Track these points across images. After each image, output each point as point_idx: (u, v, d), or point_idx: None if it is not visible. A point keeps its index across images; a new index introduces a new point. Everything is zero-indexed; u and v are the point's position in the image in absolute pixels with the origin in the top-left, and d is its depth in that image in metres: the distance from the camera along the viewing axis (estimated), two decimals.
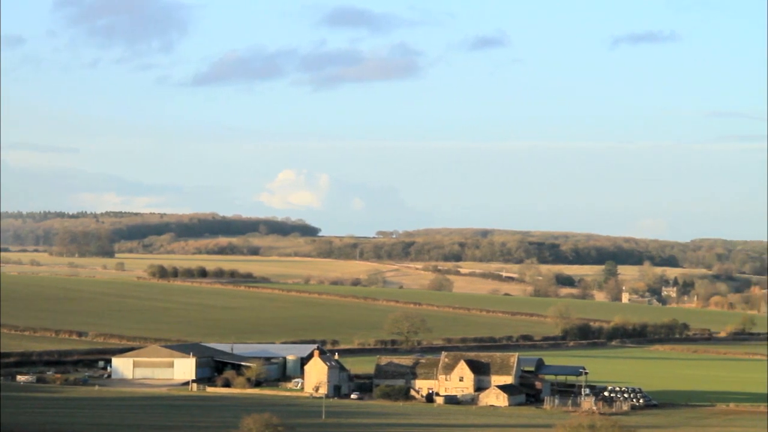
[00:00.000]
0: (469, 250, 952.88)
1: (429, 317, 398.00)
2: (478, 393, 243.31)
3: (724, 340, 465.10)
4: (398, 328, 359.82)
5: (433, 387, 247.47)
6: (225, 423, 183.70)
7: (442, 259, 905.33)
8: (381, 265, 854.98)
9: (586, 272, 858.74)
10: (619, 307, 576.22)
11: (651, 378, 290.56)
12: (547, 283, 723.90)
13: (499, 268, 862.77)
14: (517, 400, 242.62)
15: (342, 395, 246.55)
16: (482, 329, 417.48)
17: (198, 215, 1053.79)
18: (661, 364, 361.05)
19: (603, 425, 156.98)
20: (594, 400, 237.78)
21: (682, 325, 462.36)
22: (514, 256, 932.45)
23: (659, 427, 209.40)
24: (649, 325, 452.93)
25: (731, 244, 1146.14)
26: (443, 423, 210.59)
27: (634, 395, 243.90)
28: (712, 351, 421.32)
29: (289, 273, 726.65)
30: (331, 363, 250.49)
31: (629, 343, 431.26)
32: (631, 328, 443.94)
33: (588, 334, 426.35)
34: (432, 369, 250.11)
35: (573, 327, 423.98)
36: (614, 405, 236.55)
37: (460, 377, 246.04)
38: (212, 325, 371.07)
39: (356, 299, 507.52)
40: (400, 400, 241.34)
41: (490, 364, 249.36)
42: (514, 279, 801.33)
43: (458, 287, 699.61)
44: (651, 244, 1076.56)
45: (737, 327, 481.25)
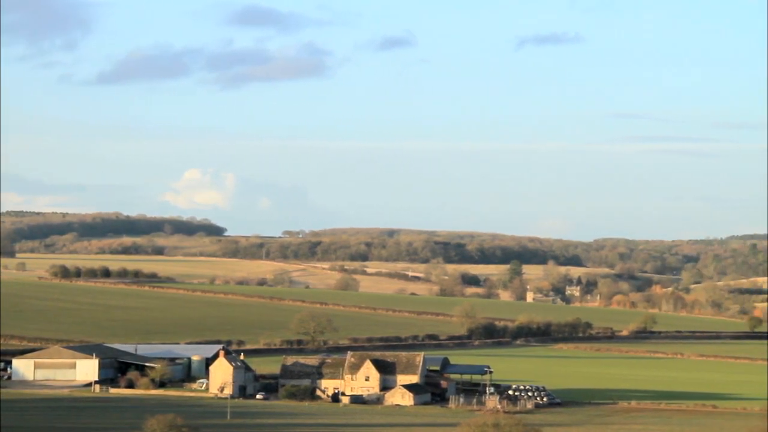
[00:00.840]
0: (376, 249, 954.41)
1: (335, 317, 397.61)
2: (384, 392, 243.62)
3: (626, 338, 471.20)
4: (304, 328, 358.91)
5: (339, 387, 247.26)
6: (128, 424, 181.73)
7: (348, 259, 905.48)
8: (287, 264, 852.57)
9: (491, 272, 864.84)
10: (523, 306, 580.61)
11: (555, 376, 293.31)
12: (452, 283, 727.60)
13: (405, 268, 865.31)
14: (423, 400, 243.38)
15: (247, 395, 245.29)
16: (388, 329, 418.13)
17: (101, 215, 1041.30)
18: (564, 362, 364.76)
19: (507, 424, 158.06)
20: (498, 399, 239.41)
21: (585, 324, 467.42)
22: (420, 256, 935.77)
23: (562, 425, 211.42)
24: (553, 324, 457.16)
25: (633, 244, 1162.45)
26: (349, 423, 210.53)
27: (538, 394, 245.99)
28: (614, 349, 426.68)
29: (194, 273, 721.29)
30: (237, 363, 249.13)
31: (534, 342, 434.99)
32: (535, 327, 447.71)
33: (493, 333, 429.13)
34: (338, 369, 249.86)
35: (478, 326, 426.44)
36: (518, 403, 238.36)
37: (366, 377, 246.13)
38: (116, 326, 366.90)
39: (262, 299, 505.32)
40: (305, 400, 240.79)
41: (396, 363, 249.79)
42: (420, 278, 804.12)
43: (364, 287, 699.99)
44: (555, 243, 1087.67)
45: (639, 325, 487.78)
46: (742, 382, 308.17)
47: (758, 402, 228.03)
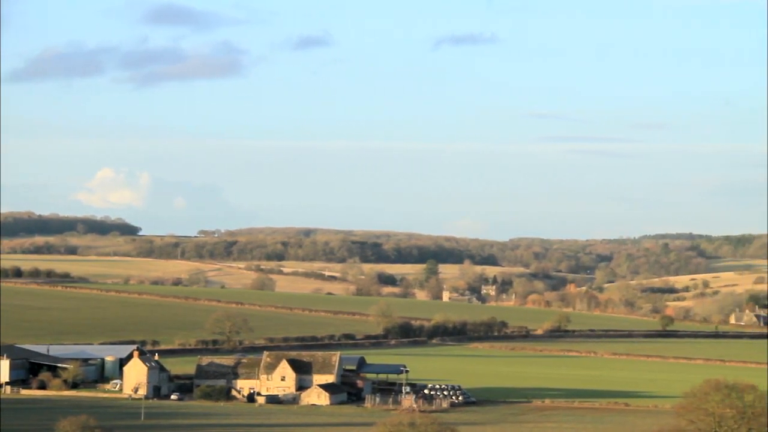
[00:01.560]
0: (292, 249, 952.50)
1: (251, 317, 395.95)
2: (300, 392, 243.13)
3: (541, 337, 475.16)
4: (220, 328, 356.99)
5: (255, 387, 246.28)
6: (40, 426, 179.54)
7: (264, 259, 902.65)
8: (203, 264, 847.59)
9: (407, 271, 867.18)
10: (439, 305, 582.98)
11: (470, 375, 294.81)
12: (369, 282, 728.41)
13: (322, 268, 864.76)
14: (339, 399, 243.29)
15: (162, 396, 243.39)
16: (305, 328, 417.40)
17: (13, 214, 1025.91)
18: (480, 361, 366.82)
19: (423, 423, 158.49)
20: (414, 398, 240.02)
21: (500, 323, 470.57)
22: (337, 255, 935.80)
23: (477, 423, 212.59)
24: (468, 323, 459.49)
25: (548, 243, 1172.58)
26: (264, 423, 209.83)
27: (454, 393, 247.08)
28: (529, 348, 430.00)
29: (108, 273, 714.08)
30: (151, 364, 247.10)
31: (449, 341, 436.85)
32: (451, 327, 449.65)
33: (409, 333, 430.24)
34: (254, 369, 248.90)
35: (394, 325, 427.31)
36: (434, 402, 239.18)
37: (282, 377, 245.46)
38: (28, 327, 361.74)
39: (177, 299, 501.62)
40: (221, 400, 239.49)
41: (312, 363, 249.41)
42: (337, 278, 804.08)
43: (281, 286, 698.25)
44: (471, 243, 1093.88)
45: (553, 324, 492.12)
46: (654, 380, 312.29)
47: (669, 400, 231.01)
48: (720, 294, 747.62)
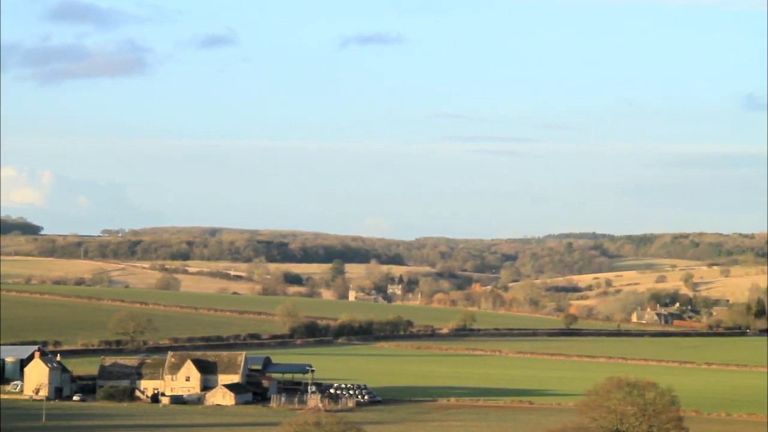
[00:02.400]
0: (197, 248, 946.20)
1: (156, 317, 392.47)
2: (204, 392, 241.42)
3: (447, 336, 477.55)
4: (124, 328, 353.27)
5: (159, 387, 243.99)
6: None
7: (169, 258, 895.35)
8: (106, 264, 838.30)
9: (314, 270, 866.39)
10: (346, 305, 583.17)
11: (376, 374, 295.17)
12: (275, 282, 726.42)
13: (228, 267, 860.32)
14: (244, 399, 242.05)
15: (64, 397, 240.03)
16: (210, 328, 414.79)
17: None
18: (386, 360, 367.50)
19: (328, 422, 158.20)
20: (320, 398, 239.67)
21: (406, 322, 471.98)
22: (243, 255, 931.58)
23: (383, 422, 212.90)
24: (374, 322, 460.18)
25: (454, 243, 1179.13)
26: (168, 423, 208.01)
27: (360, 392, 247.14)
28: (434, 347, 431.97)
29: (9, 272, 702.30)
30: (53, 364, 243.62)
31: (355, 340, 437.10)
32: (357, 326, 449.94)
33: (315, 332, 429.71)
34: (158, 369, 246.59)
35: (300, 325, 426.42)
36: (340, 402, 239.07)
37: (187, 377, 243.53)
38: None
39: (80, 299, 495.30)
40: (124, 401, 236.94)
41: (217, 363, 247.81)
42: (243, 278, 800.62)
43: (186, 286, 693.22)
44: (377, 242, 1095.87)
45: (459, 323, 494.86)
46: (558, 378, 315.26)
47: (572, 398, 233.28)
48: (622, 293, 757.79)
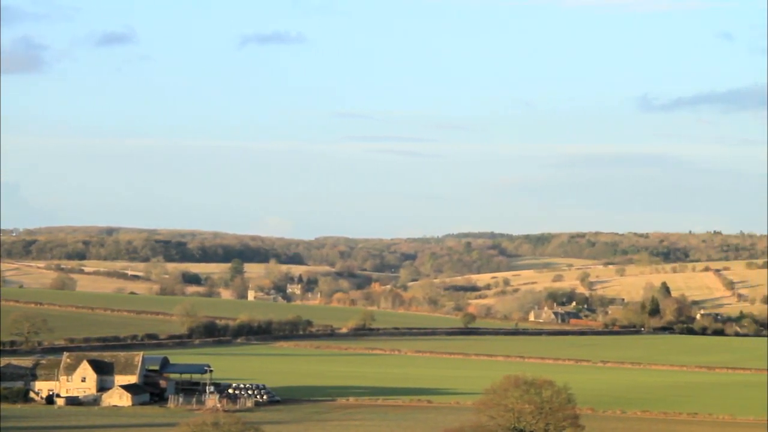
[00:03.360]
0: (94, 248, 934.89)
1: (51, 317, 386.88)
2: (101, 393, 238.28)
3: (346, 335, 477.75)
4: (18, 328, 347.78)
5: (54, 388, 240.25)
6: None
7: (65, 258, 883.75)
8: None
9: (212, 270, 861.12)
10: (245, 304, 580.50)
11: (275, 374, 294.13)
12: (173, 282, 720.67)
13: (125, 267, 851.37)
14: (141, 400, 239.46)
15: None
16: (107, 329, 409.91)
17: None
18: (285, 360, 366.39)
19: (227, 422, 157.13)
20: (218, 398, 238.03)
21: (305, 322, 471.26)
22: (141, 255, 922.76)
23: (282, 422, 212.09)
24: (274, 322, 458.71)
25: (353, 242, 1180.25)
26: (63, 425, 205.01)
27: (258, 392, 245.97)
28: (334, 347, 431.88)
29: None
30: None
31: (254, 340, 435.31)
32: (256, 326, 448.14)
33: (214, 332, 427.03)
34: (53, 370, 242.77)
35: (199, 325, 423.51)
36: (238, 402, 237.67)
37: (83, 378, 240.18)
38: None
39: None
40: (18, 402, 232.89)
41: (114, 363, 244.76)
42: (140, 277, 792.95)
43: (82, 286, 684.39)
44: (277, 242, 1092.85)
45: (358, 323, 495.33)
46: (456, 377, 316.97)
47: (470, 396, 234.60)
48: (520, 292, 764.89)
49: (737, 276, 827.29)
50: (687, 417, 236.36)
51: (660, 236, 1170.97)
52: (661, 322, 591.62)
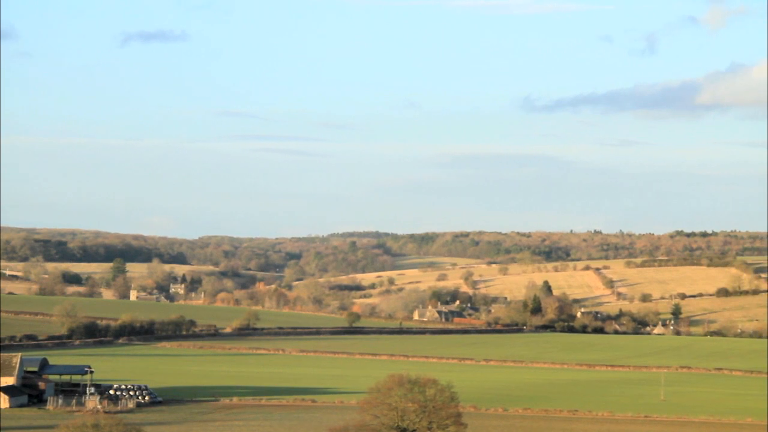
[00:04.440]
0: None
1: None
2: None
3: (230, 335, 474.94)
4: None
5: None
6: None
7: None
8: None
9: (94, 270, 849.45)
10: (127, 305, 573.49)
11: (158, 375, 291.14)
12: (53, 281, 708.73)
13: (3, 266, 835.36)
14: (19, 402, 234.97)
15: None
16: None
17: None
18: (168, 361, 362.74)
19: (107, 424, 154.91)
20: (99, 399, 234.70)
21: (189, 322, 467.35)
22: (19, 254, 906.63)
23: (164, 423, 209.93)
24: (156, 322, 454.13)
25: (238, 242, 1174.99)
26: None
27: (140, 393, 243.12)
28: (217, 347, 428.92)
29: None
30: None
31: (137, 340, 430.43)
32: (138, 326, 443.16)
33: (95, 333, 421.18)
34: None
35: (79, 325, 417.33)
36: (119, 403, 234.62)
37: None
38: None
39: None
40: None
41: None
42: (19, 277, 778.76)
43: None
44: (160, 241, 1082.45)
45: (242, 323, 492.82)
46: (341, 376, 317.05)
47: (355, 395, 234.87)
48: (404, 291, 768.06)
49: (616, 275, 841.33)
50: (567, 414, 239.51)
51: (542, 235, 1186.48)
52: (542, 321, 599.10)
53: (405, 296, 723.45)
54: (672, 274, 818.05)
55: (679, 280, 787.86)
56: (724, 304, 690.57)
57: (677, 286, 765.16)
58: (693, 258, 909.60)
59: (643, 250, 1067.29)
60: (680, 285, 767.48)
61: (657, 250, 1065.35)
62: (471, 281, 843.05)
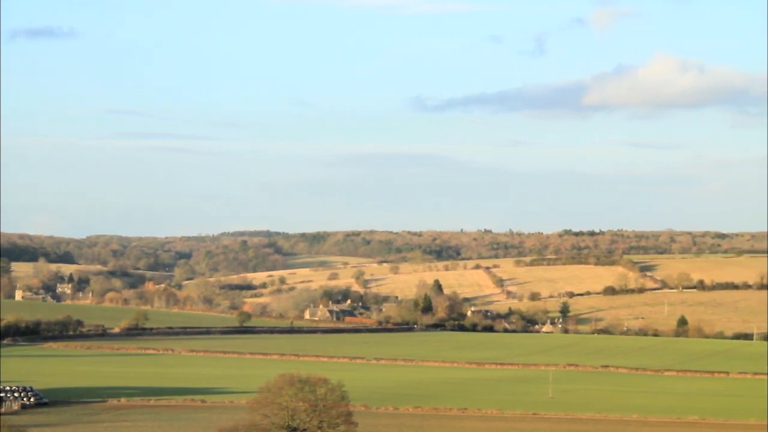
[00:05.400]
0: None
1: None
2: None
3: (118, 335, 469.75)
4: None
5: None
6: None
7: None
8: None
9: None
10: (12, 304, 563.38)
11: (44, 376, 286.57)
12: None
13: None
14: None
15: None
16: None
17: None
18: (54, 361, 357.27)
19: None
20: None
21: (76, 322, 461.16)
22: None
23: (50, 425, 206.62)
24: (42, 322, 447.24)
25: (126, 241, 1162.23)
26: None
27: (25, 394, 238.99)
28: (106, 347, 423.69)
29: None
30: None
31: (22, 341, 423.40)
32: (24, 326, 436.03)
33: None
34: None
35: None
36: (3, 405, 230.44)
37: None
38: None
39: None
40: None
41: None
42: None
43: None
44: (46, 240, 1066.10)
45: (131, 323, 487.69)
46: (231, 376, 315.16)
47: (245, 395, 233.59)
48: (296, 290, 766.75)
49: (506, 273, 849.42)
50: (457, 412, 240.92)
51: (433, 234, 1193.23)
52: (433, 319, 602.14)
53: (296, 295, 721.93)
54: (560, 273, 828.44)
55: (567, 279, 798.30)
56: (610, 303, 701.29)
57: (565, 284, 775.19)
58: (581, 257, 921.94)
59: (532, 249, 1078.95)
60: (568, 283, 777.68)
61: (546, 249, 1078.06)
62: (362, 280, 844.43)
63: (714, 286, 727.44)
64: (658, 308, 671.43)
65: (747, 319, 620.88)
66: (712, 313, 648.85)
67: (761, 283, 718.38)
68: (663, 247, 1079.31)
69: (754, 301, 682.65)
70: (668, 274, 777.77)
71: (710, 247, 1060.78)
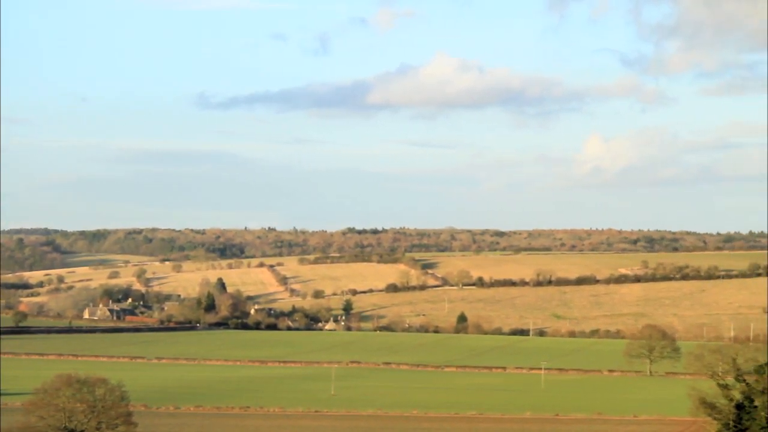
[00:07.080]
0: None
1: None
2: None
3: None
4: None
5: None
6: None
7: None
8: None
9: None
10: None
11: None
12: None
13: None
14: None
15: None
16: None
17: None
18: None
19: None
20: None
21: None
22: None
23: None
24: None
25: None
26: None
27: None
28: None
29: None
30: None
31: None
32: None
33: None
34: None
35: None
36: None
37: None
38: None
39: None
40: None
41: None
42: None
43: None
44: None
45: None
46: (5, 377, 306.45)
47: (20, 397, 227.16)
48: (75, 289, 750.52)
49: (290, 271, 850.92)
50: (239, 411, 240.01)
51: (216, 232, 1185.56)
52: (216, 318, 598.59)
53: (75, 294, 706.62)
54: (344, 271, 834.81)
55: (351, 277, 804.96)
56: (393, 300, 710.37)
57: (349, 282, 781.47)
58: (364, 255, 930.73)
59: (316, 247, 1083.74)
60: (352, 281, 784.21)
61: (330, 247, 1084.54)
62: (144, 279, 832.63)
63: (492, 283, 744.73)
64: (439, 305, 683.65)
65: (524, 315, 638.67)
66: (491, 309, 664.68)
67: (537, 280, 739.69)
68: (444, 245, 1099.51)
69: (530, 297, 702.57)
70: (449, 272, 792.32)
71: (489, 245, 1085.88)
